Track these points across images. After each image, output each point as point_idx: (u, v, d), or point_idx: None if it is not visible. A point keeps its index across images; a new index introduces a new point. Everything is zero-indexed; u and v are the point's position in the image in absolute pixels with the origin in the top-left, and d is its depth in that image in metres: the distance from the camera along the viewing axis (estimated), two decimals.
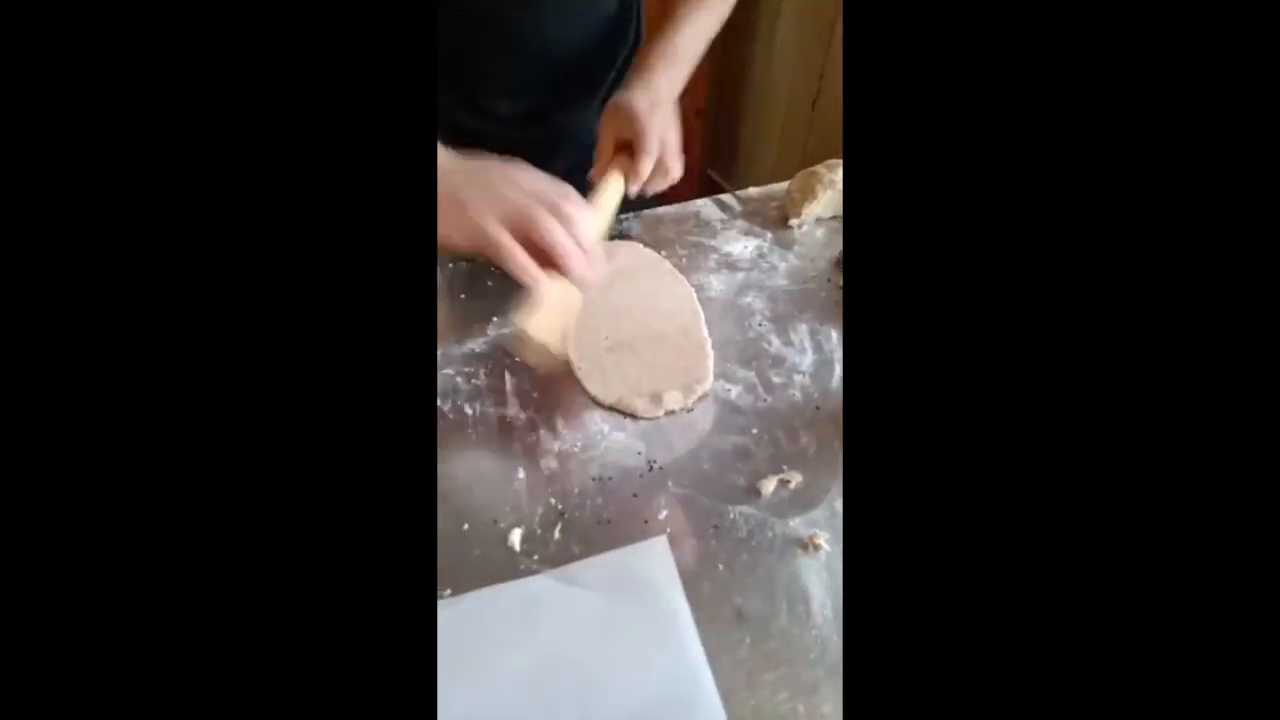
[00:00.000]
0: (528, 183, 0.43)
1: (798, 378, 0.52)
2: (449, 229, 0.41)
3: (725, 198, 0.72)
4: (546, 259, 0.41)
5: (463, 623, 0.36)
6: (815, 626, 0.38)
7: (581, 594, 0.38)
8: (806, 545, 0.41)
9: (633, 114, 0.55)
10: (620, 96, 0.57)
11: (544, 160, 0.46)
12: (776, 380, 0.52)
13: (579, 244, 0.42)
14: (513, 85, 0.65)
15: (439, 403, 0.49)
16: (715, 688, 0.34)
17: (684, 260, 0.63)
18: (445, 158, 0.43)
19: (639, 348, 0.53)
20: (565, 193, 0.44)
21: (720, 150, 1.56)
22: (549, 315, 0.43)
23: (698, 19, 0.63)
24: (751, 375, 0.52)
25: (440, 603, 0.37)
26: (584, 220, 0.43)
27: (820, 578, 0.40)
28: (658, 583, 0.38)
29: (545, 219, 0.41)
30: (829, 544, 0.41)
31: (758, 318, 0.57)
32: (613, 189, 0.55)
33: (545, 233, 0.40)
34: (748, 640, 0.37)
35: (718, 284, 0.60)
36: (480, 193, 0.42)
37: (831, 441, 0.47)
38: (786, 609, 0.38)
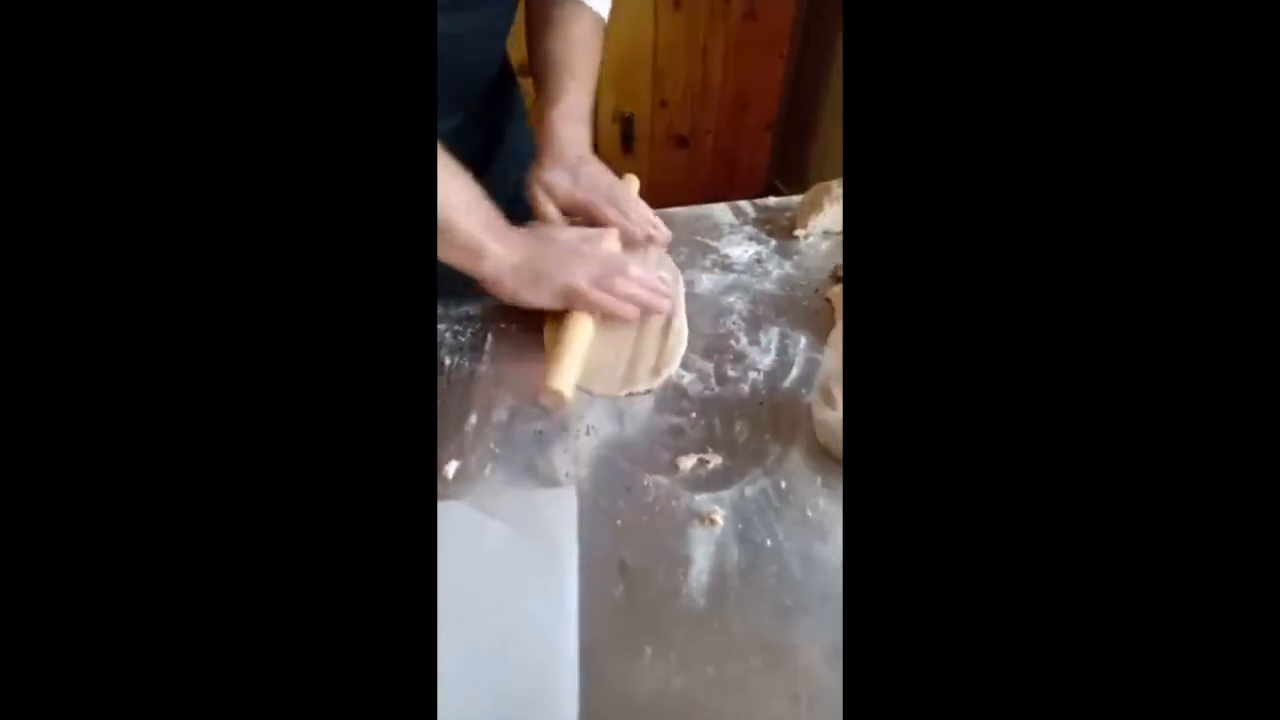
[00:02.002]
0: (587, 246, 0.57)
1: (752, 374, 0.54)
2: (537, 296, 0.55)
3: (743, 204, 0.75)
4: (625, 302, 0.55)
5: None
6: (689, 589, 0.40)
7: (490, 523, 0.43)
8: (704, 519, 0.44)
9: (560, 194, 0.63)
10: (542, 175, 0.63)
11: (480, 169, 0.56)
12: (731, 374, 0.54)
13: (648, 285, 0.57)
14: (445, 108, 0.70)
15: None
16: (576, 628, 0.38)
17: (683, 256, 0.67)
18: (515, 243, 0.55)
19: (615, 331, 0.57)
20: (617, 250, 0.59)
21: (789, 162, 1.58)
22: (574, 370, 0.52)
23: (586, 75, 0.68)
24: (709, 367, 0.55)
25: None
26: (640, 266, 0.58)
27: (706, 548, 0.42)
28: (556, 527, 0.43)
29: (623, 282, 0.55)
30: (723, 520, 0.44)
31: (734, 316, 0.60)
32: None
33: (632, 290, 0.56)
34: (621, 589, 0.40)
35: (707, 281, 0.64)
36: (557, 262, 0.55)
37: (763, 433, 0.50)
38: (665, 571, 0.41)
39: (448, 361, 0.55)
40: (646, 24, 1.29)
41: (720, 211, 0.73)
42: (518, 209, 0.82)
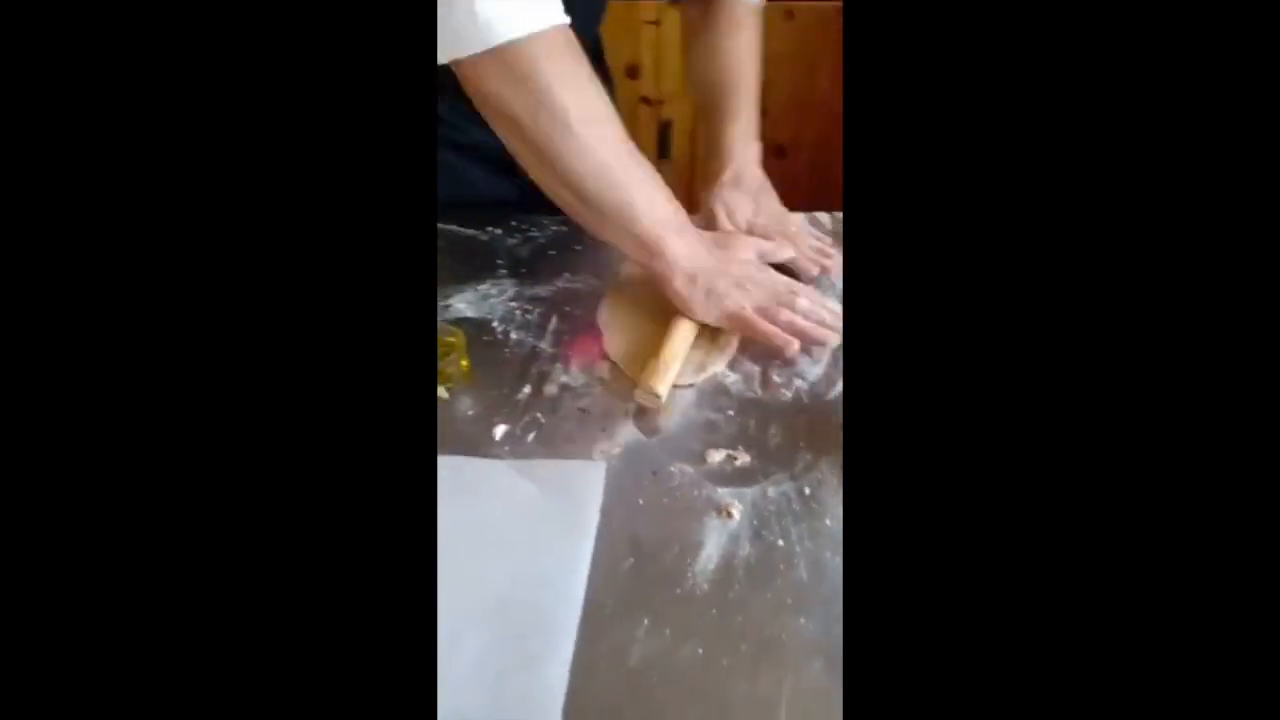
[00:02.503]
0: (760, 271, 0.58)
1: (797, 383, 0.55)
2: (703, 311, 0.56)
3: (822, 216, 0.74)
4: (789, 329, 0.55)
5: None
6: (694, 573, 0.42)
7: (523, 483, 0.47)
8: (721, 510, 0.45)
9: (740, 213, 0.64)
10: (724, 195, 0.65)
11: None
12: (776, 380, 0.55)
13: (814, 317, 0.56)
14: None
15: (494, 324, 0.61)
16: (584, 588, 0.41)
17: None
18: (692, 246, 0.56)
19: (672, 323, 0.59)
20: (789, 279, 0.59)
21: None
22: (673, 373, 0.53)
23: (750, 99, 0.68)
24: (756, 370, 0.56)
25: None
26: (811, 294, 0.58)
27: (718, 538, 0.44)
28: (581, 496, 0.46)
29: (787, 314, 0.55)
30: (740, 515, 0.45)
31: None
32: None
33: (797, 324, 0.55)
34: (631, 561, 0.43)
35: None
36: (727, 287, 0.56)
37: (797, 439, 0.50)
38: (675, 553, 0.43)
39: (514, 336, 0.60)
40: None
41: (801, 223, 0.73)
42: None
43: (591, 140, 0.51)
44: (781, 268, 0.62)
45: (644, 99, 1.32)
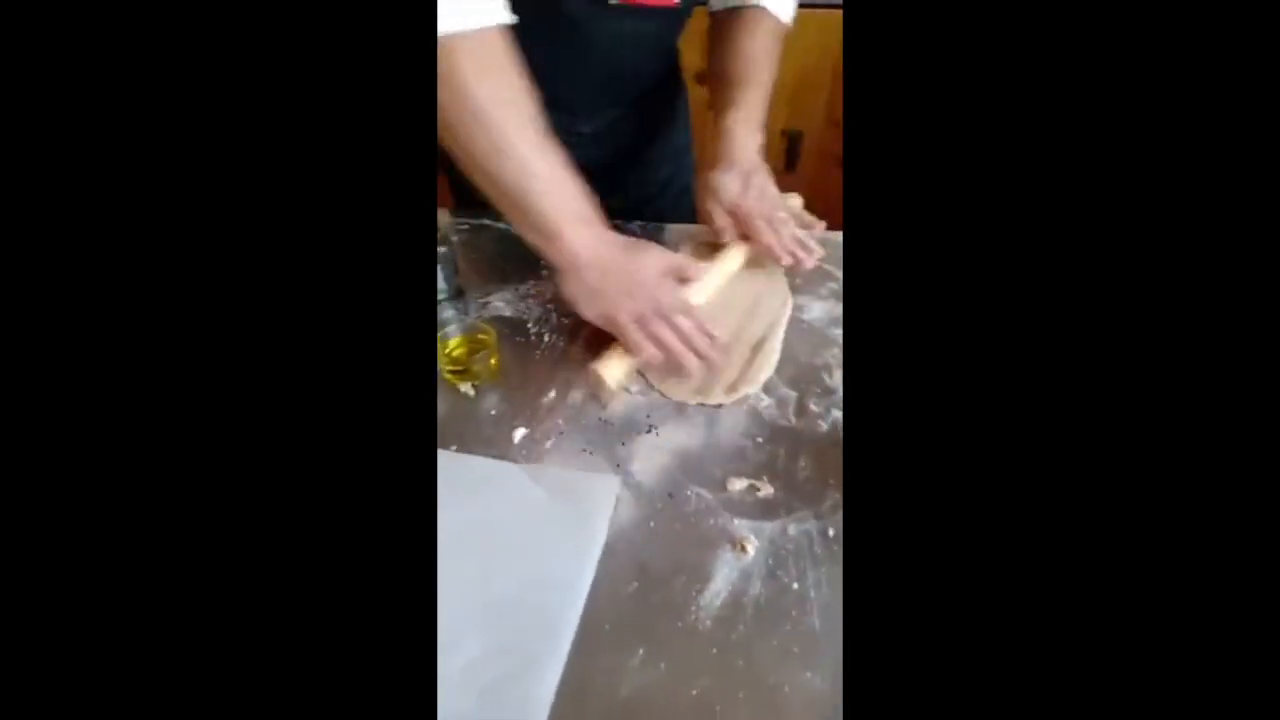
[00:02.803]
0: (654, 282, 0.54)
1: (835, 413, 0.52)
2: (586, 308, 0.55)
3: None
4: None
5: (448, 466, 0.47)
6: (699, 608, 0.40)
7: (534, 490, 0.46)
8: (736, 544, 0.43)
9: (725, 196, 0.63)
10: (714, 176, 0.64)
11: (616, 169, 0.56)
12: (813, 408, 0.52)
13: (689, 338, 0.53)
14: (597, 109, 0.74)
15: (529, 325, 0.60)
16: (581, 608, 0.40)
17: (800, 281, 0.65)
18: (593, 240, 0.54)
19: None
20: (685, 297, 0.56)
21: None
22: (623, 365, 0.53)
23: (763, 84, 0.68)
24: (792, 396, 0.53)
25: (442, 452, 0.49)
26: (696, 318, 0.54)
27: (729, 572, 0.41)
28: (590, 510, 0.44)
29: (663, 328, 0.52)
30: (753, 550, 0.42)
31: (835, 350, 0.57)
32: (732, 258, 0.63)
33: (666, 338, 0.52)
34: (635, 586, 0.41)
35: (818, 310, 0.62)
36: (617, 289, 0.54)
37: (827, 475, 0.47)
38: (682, 583, 0.41)
39: (546, 338, 0.59)
40: (832, 42, 1.26)
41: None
42: (665, 200, 0.86)
43: (497, 123, 0.50)
44: None
45: (710, 105, 1.30)
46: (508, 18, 0.51)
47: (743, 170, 0.64)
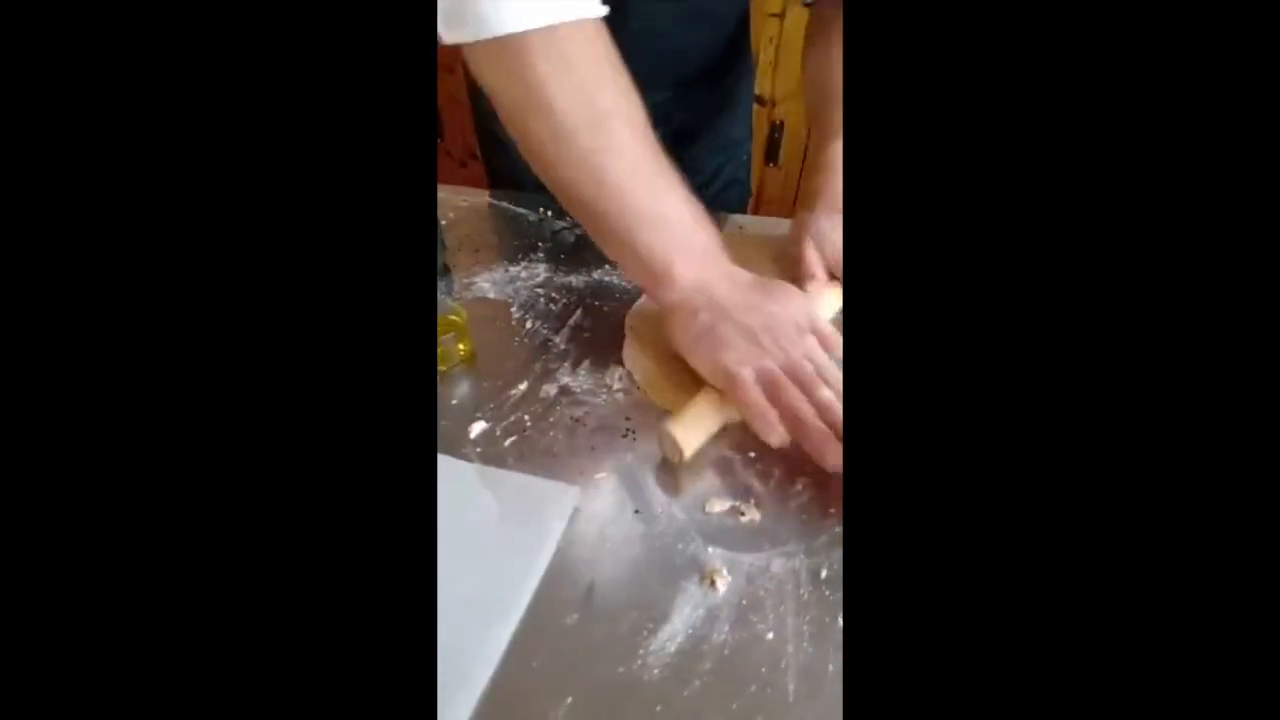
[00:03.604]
0: (788, 333, 0.43)
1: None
2: (697, 357, 0.44)
3: None
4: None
5: None
6: (648, 652, 0.33)
7: (481, 494, 0.40)
8: (705, 577, 0.36)
9: (830, 245, 0.52)
10: (817, 221, 0.53)
11: (668, 155, 0.48)
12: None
13: (825, 412, 0.40)
14: (644, 90, 0.65)
15: (513, 309, 0.54)
16: (511, 632, 0.33)
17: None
18: (713, 276, 0.44)
19: None
20: (822, 354, 0.43)
21: None
22: (699, 425, 0.42)
23: None
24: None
25: None
26: (835, 376, 0.42)
27: (691, 611, 0.34)
28: (539, 526, 0.38)
29: (795, 394, 0.40)
30: (725, 587, 0.35)
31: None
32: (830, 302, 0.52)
33: (801, 410, 0.40)
34: (576, 618, 0.34)
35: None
36: (739, 334, 0.42)
37: (827, 504, 0.39)
38: (633, 619, 0.34)
39: (529, 325, 0.53)
40: None
41: None
42: (712, 190, 0.79)
43: (585, 146, 0.42)
44: None
45: (757, 98, 1.22)
46: (601, 8, 0.43)
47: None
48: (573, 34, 0.42)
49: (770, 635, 0.33)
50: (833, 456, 0.39)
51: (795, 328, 0.43)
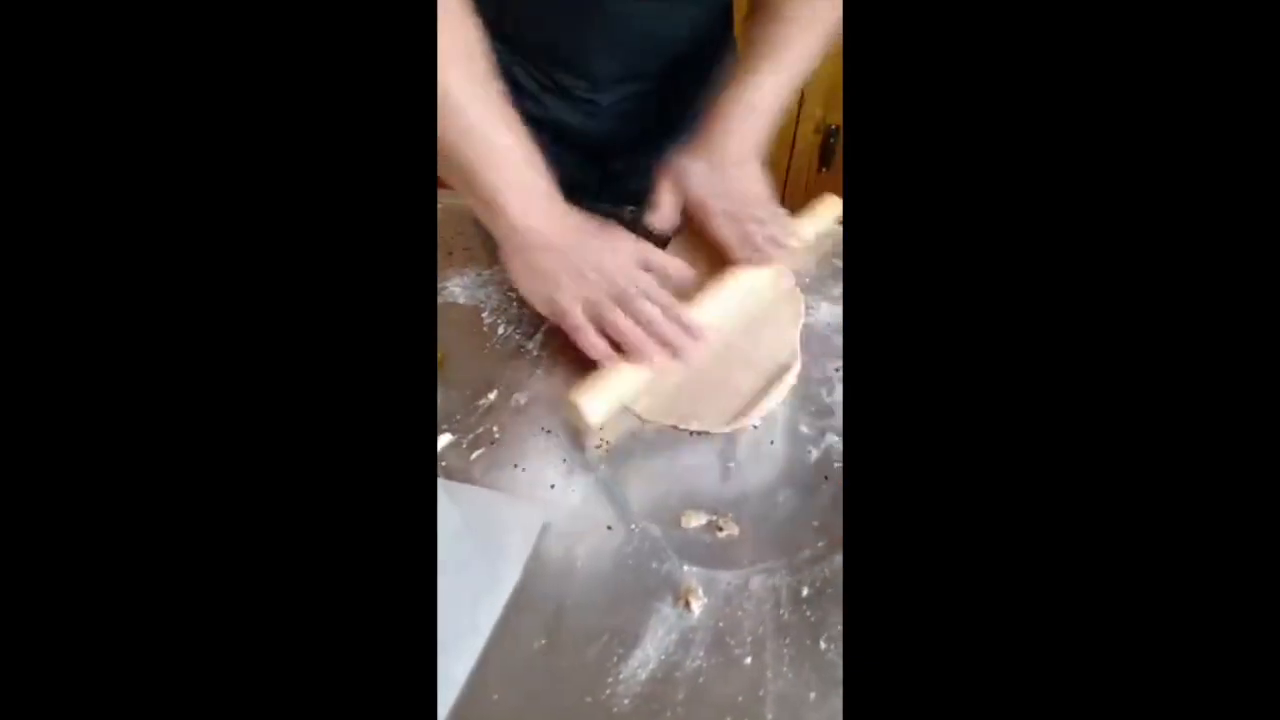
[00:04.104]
0: (615, 265, 0.45)
1: (830, 438, 0.42)
2: (531, 295, 0.47)
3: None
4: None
5: None
6: (618, 680, 0.31)
7: (448, 510, 0.38)
8: (679, 597, 0.34)
9: (687, 184, 0.52)
10: (682, 160, 0.53)
11: (640, 147, 0.46)
12: (804, 430, 0.42)
13: (654, 329, 0.43)
14: (617, 79, 0.63)
15: (484, 314, 0.52)
16: (470, 667, 0.31)
17: (809, 280, 0.55)
18: (544, 214, 0.46)
19: (704, 364, 0.45)
20: (649, 280, 0.46)
21: None
22: (603, 393, 0.42)
23: (775, 70, 0.54)
24: (780, 414, 0.43)
25: None
26: (665, 298, 0.45)
27: (664, 634, 0.32)
28: (505, 546, 0.36)
29: (618, 314, 0.43)
30: (700, 609, 0.33)
31: (840, 362, 0.47)
32: (738, 281, 0.50)
33: (622, 325, 0.43)
34: (543, 643, 0.32)
35: (825, 313, 0.51)
36: (565, 266, 0.45)
37: (810, 516, 0.37)
38: (603, 643, 0.32)
39: (501, 331, 0.51)
40: None
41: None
42: None
43: (442, 81, 0.42)
44: None
45: None
46: None
47: (720, 160, 0.52)
48: None
49: (748, 660, 0.31)
50: (654, 358, 0.42)
51: (622, 260, 0.46)
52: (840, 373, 0.46)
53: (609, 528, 0.37)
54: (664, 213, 0.53)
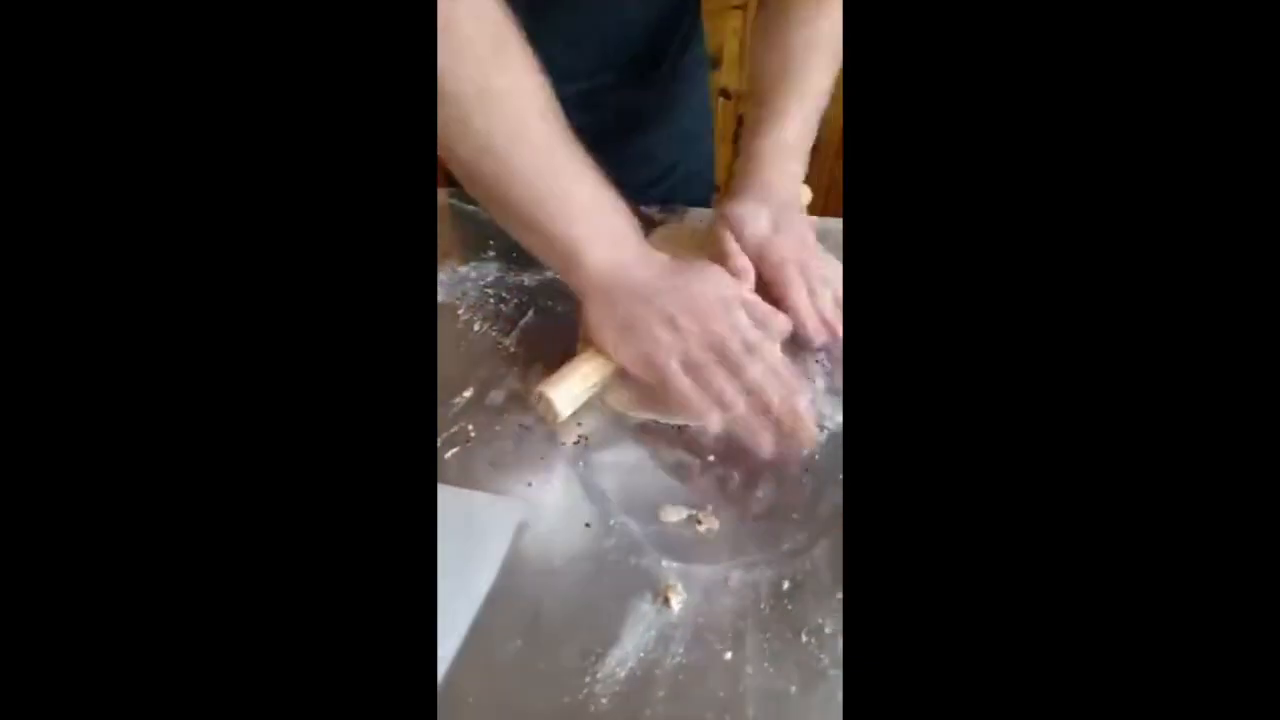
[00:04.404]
0: (713, 311, 0.40)
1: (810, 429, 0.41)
2: (620, 350, 0.41)
3: None
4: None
5: None
6: (596, 679, 0.30)
7: None
8: (658, 593, 0.33)
9: (749, 234, 0.48)
10: (735, 208, 0.50)
11: (607, 141, 0.45)
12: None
13: (761, 392, 0.38)
14: (576, 69, 0.61)
15: (460, 311, 0.51)
16: (443, 670, 0.30)
17: None
18: (630, 262, 0.42)
19: None
20: (752, 329, 0.41)
21: None
22: (573, 387, 0.42)
23: (802, 100, 0.52)
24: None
25: None
26: (777, 359, 0.40)
27: (643, 632, 0.32)
28: (480, 547, 0.35)
29: (721, 368, 0.39)
30: (680, 605, 0.32)
31: (821, 354, 0.47)
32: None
33: (726, 394, 0.38)
34: (519, 645, 0.31)
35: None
36: (659, 318, 0.40)
37: (791, 509, 0.37)
38: (581, 643, 0.31)
39: (477, 328, 0.50)
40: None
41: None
42: (670, 182, 0.74)
43: (481, 129, 0.39)
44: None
45: (723, 92, 1.20)
46: None
47: (773, 204, 0.49)
48: (465, 13, 0.39)
49: (728, 655, 0.31)
50: (766, 443, 0.37)
51: (720, 304, 0.41)
52: (821, 364, 0.46)
53: (587, 525, 0.36)
54: (744, 266, 0.47)
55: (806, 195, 0.60)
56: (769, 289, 0.47)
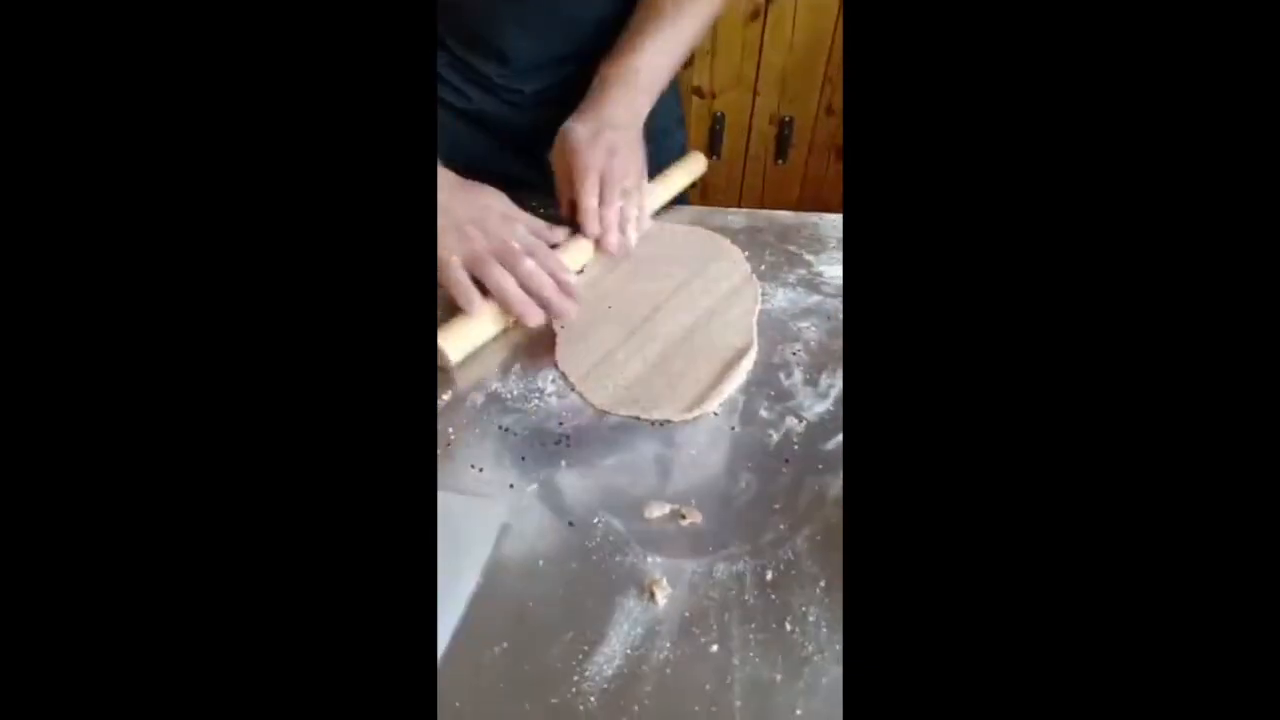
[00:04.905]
0: (493, 220, 0.48)
1: (789, 421, 0.42)
2: None
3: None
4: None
5: None
6: (583, 678, 0.30)
7: None
8: (644, 589, 0.33)
9: (568, 145, 0.52)
10: (566, 123, 0.53)
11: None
12: (763, 415, 0.42)
13: (532, 281, 0.46)
14: (538, 65, 0.62)
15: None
16: (434, 663, 0.30)
17: (764, 267, 0.55)
18: (442, 179, 0.47)
19: (664, 354, 0.46)
20: (529, 235, 0.48)
21: None
22: (461, 336, 0.46)
23: (661, 38, 0.56)
24: (738, 400, 0.43)
25: None
26: (549, 257, 0.48)
27: (629, 628, 0.32)
28: (463, 550, 0.35)
29: (497, 270, 0.46)
30: (666, 599, 0.33)
31: (798, 346, 0.47)
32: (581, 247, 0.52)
33: (500, 282, 0.45)
34: (505, 646, 0.31)
35: (782, 299, 0.52)
36: (450, 230, 0.47)
37: (772, 500, 0.37)
38: (567, 642, 0.31)
39: None
40: (824, 23, 1.16)
41: (830, 224, 0.60)
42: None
43: None
44: None
45: (696, 90, 1.20)
46: None
47: (601, 124, 0.52)
48: None
49: (715, 648, 0.31)
50: (532, 318, 0.45)
51: (501, 216, 0.48)
52: (796, 356, 0.46)
53: (570, 524, 0.36)
54: (560, 184, 0.53)
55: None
56: (570, 190, 0.52)
